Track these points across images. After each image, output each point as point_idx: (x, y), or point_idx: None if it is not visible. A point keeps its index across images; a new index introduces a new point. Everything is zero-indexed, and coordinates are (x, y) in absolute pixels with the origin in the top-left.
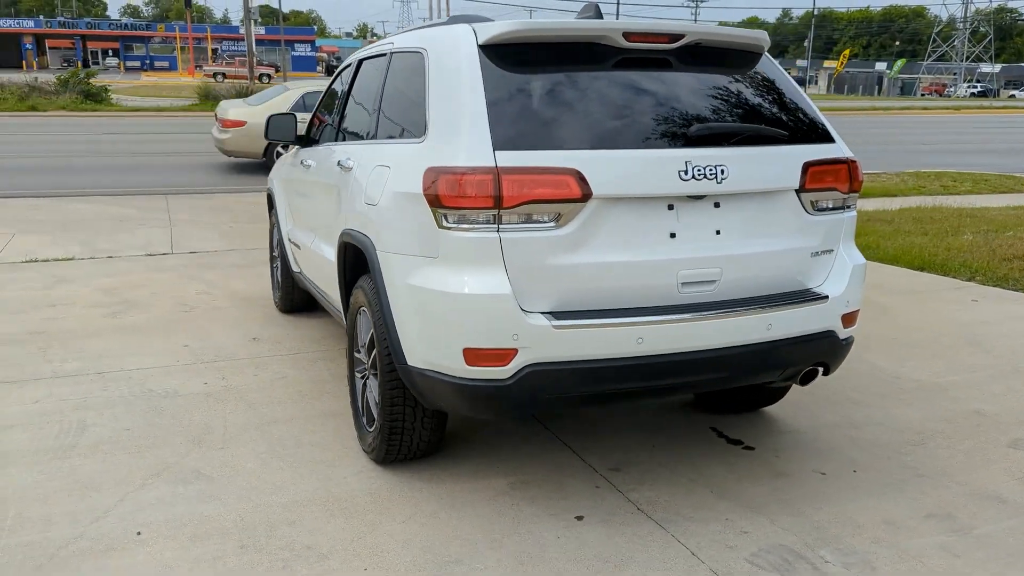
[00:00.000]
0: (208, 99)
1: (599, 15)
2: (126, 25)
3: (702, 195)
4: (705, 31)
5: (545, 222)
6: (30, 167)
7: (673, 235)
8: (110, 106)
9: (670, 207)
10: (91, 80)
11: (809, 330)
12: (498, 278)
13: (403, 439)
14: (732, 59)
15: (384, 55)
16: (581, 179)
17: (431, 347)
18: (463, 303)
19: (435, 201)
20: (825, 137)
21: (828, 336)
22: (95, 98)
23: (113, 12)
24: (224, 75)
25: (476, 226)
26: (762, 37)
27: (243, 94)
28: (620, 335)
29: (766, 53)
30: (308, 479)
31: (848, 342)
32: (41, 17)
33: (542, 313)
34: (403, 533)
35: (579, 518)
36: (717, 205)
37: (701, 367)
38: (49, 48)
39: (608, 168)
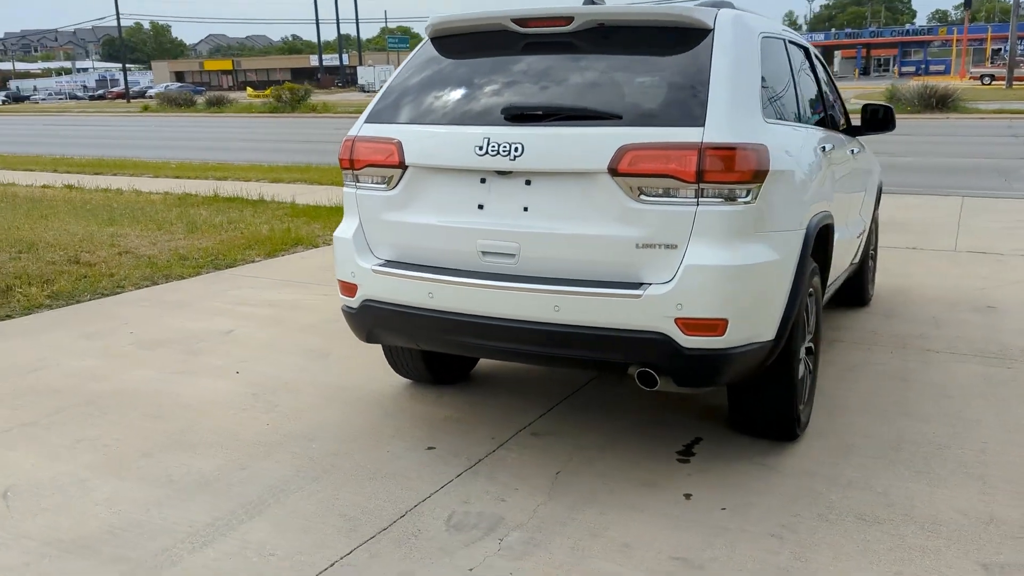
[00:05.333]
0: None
1: (591, 1)
2: (907, 31)
3: (508, 171)
4: (601, 12)
5: (381, 184)
6: None
7: (481, 206)
8: None
9: (482, 180)
10: None
11: (617, 324)
12: (352, 225)
13: (392, 357)
14: (658, 38)
15: None
16: (400, 149)
17: None
18: (334, 242)
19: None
20: (687, 120)
21: (656, 339)
22: None
23: (921, 19)
24: (992, 77)
25: (348, 184)
26: (684, 14)
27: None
28: (414, 287)
29: (716, 31)
30: (358, 375)
31: (701, 355)
32: (832, 30)
33: (383, 259)
34: (321, 415)
35: (430, 448)
36: (528, 182)
37: (490, 333)
38: (843, 58)
39: (420, 141)
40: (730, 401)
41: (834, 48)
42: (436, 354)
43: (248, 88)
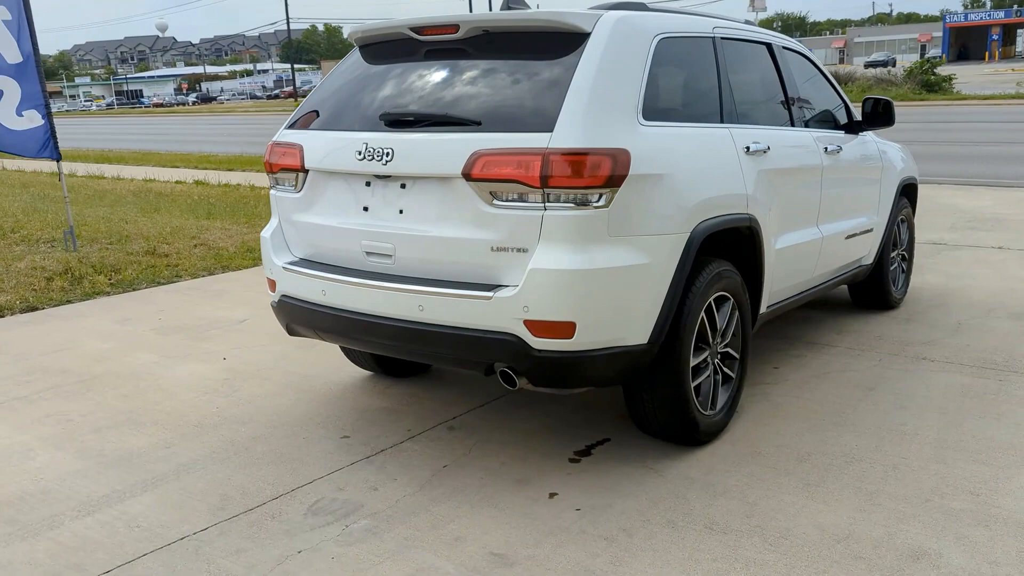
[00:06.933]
0: None
1: (507, 6)
2: None
3: (386, 175)
4: (484, 19)
5: (291, 186)
6: None
7: (366, 208)
8: (946, 95)
9: (367, 184)
10: (935, 71)
11: (472, 325)
12: (273, 226)
13: (345, 349)
14: (539, 44)
15: None
16: (302, 153)
17: None
18: (260, 242)
19: None
20: (538, 125)
21: (509, 340)
22: (932, 87)
23: None
24: None
25: (272, 187)
26: (558, 19)
27: None
28: (311, 284)
29: (592, 34)
30: (328, 366)
31: (551, 357)
32: (1014, 7)
33: (297, 258)
34: (272, 401)
35: (344, 437)
36: (404, 186)
37: (371, 330)
38: None
39: (315, 145)
40: (626, 403)
41: (1017, 27)
42: None
43: None
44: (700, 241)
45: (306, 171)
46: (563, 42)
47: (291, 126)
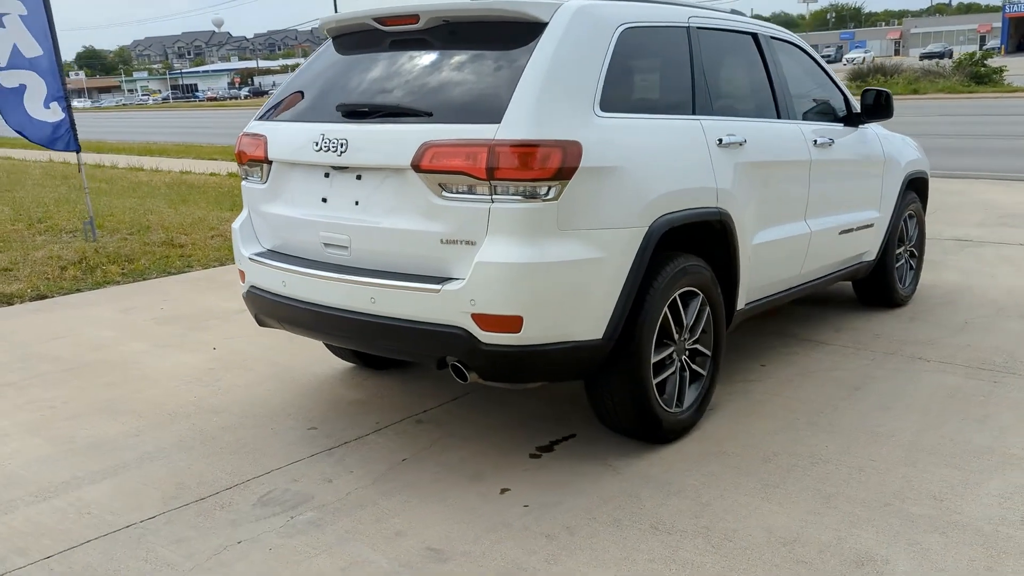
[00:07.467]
0: None
1: None
2: None
3: (343, 166)
4: (444, 9)
5: (257, 177)
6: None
7: (325, 200)
8: (995, 87)
9: (326, 175)
10: (985, 62)
11: (421, 318)
12: (243, 217)
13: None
14: (498, 34)
15: None
16: (266, 144)
17: None
18: (232, 233)
19: None
20: (487, 117)
21: (457, 333)
22: (981, 79)
23: None
24: None
25: (243, 178)
26: (515, 9)
27: None
28: (272, 275)
29: (549, 25)
30: (311, 357)
31: (500, 351)
32: None
33: (265, 249)
34: (251, 392)
35: (311, 428)
36: (359, 177)
37: (326, 322)
38: None
39: (278, 137)
40: (588, 398)
41: None
42: None
43: None
44: (660, 235)
45: (269, 162)
46: (521, 32)
47: (260, 117)
